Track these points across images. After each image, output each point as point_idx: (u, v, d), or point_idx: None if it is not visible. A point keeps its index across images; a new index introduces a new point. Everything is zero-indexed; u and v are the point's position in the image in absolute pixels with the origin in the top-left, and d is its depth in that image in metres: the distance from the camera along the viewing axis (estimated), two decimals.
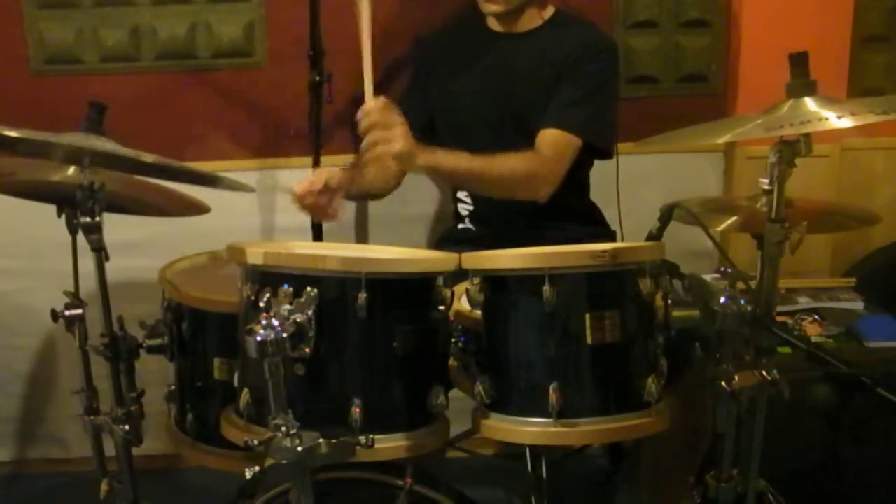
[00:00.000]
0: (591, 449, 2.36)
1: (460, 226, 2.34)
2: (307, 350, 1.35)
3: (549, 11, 2.20)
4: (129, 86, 2.48)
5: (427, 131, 2.29)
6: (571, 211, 2.23)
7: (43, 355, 2.65)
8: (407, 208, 2.54)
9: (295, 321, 1.30)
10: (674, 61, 2.58)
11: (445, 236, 2.42)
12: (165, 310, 1.71)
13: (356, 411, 1.38)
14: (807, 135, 1.39)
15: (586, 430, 1.42)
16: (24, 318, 2.58)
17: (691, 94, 2.59)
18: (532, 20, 2.18)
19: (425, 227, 2.59)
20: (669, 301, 1.50)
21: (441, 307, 1.49)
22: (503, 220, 2.23)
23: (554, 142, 2.04)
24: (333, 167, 2.03)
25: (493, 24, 2.21)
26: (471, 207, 2.32)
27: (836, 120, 1.38)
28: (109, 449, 1.68)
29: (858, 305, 2.26)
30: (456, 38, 2.27)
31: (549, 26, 2.18)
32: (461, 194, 2.32)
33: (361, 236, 2.63)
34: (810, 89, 1.46)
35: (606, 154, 2.19)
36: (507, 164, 1.98)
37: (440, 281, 1.50)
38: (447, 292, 1.50)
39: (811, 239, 1.49)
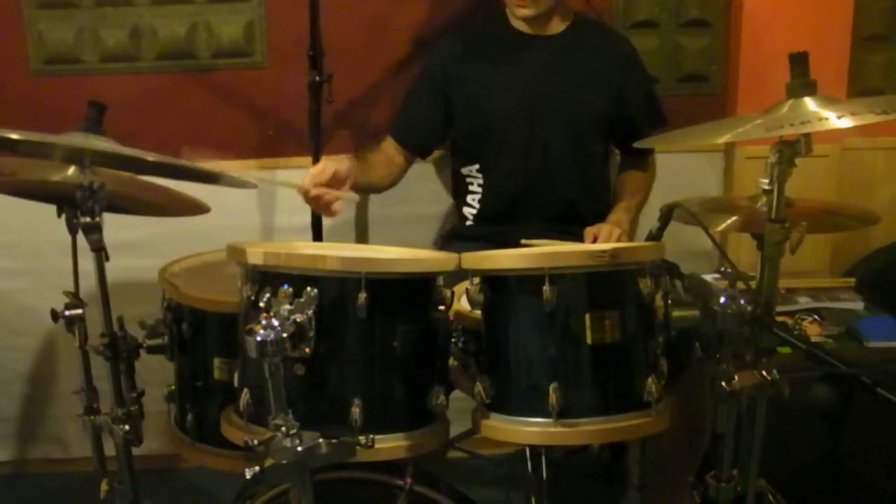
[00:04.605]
0: (592, 449, 2.36)
1: (468, 223, 2.36)
2: (307, 350, 1.35)
3: (571, 15, 2.28)
4: (129, 86, 2.48)
5: (438, 131, 2.31)
6: (589, 212, 2.26)
7: (43, 355, 2.65)
8: (407, 208, 2.54)
9: (295, 321, 1.30)
10: (674, 61, 2.58)
11: (452, 233, 2.43)
12: (165, 310, 1.71)
13: (356, 411, 1.38)
14: (807, 135, 1.39)
15: (586, 430, 1.42)
16: (24, 318, 2.58)
17: (691, 94, 2.59)
18: (559, 23, 2.26)
19: (425, 227, 2.59)
20: (669, 301, 1.50)
21: (441, 307, 1.49)
22: (510, 223, 2.25)
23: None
24: (339, 156, 2.02)
25: (521, 27, 2.25)
26: (474, 210, 2.33)
27: (836, 120, 1.38)
28: (109, 449, 1.68)
29: (858, 305, 2.26)
30: (478, 41, 2.30)
31: (576, 28, 2.28)
32: (469, 198, 2.33)
33: (361, 236, 2.63)
34: (810, 89, 1.46)
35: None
36: (645, 187, 2.36)
37: (440, 281, 1.50)
38: (447, 292, 1.50)
39: (811, 239, 1.49)
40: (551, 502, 1.98)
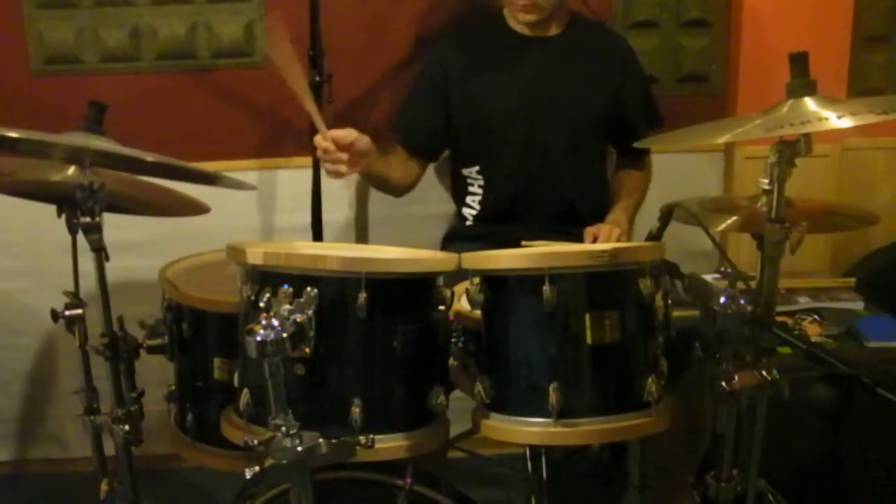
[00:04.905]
0: (592, 449, 2.36)
1: (468, 223, 2.35)
2: (307, 350, 1.35)
3: (568, 15, 2.28)
4: (129, 86, 2.48)
5: (440, 132, 2.31)
6: (588, 212, 2.26)
7: (43, 355, 2.65)
8: (407, 208, 2.54)
9: (295, 321, 1.30)
10: (674, 61, 2.58)
11: (452, 233, 2.43)
12: (165, 310, 1.71)
13: (356, 411, 1.38)
14: (807, 135, 1.39)
15: (586, 430, 1.42)
16: (24, 318, 2.58)
17: (691, 94, 2.59)
18: (557, 24, 2.26)
19: (425, 227, 2.58)
20: (669, 301, 1.50)
21: (441, 307, 1.49)
22: (510, 224, 2.25)
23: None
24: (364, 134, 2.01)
25: (520, 29, 2.26)
26: (474, 211, 2.33)
27: (836, 120, 1.38)
28: (109, 449, 1.68)
29: (858, 305, 2.26)
30: (476, 42, 2.30)
31: (574, 29, 2.28)
32: (470, 199, 2.33)
33: (361, 236, 2.63)
34: (810, 89, 1.46)
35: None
36: (642, 187, 2.37)
37: (440, 281, 1.50)
38: (447, 292, 1.50)
39: (811, 239, 1.49)
40: (551, 502, 1.98)
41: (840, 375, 1.82)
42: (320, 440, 1.29)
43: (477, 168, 2.31)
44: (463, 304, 1.57)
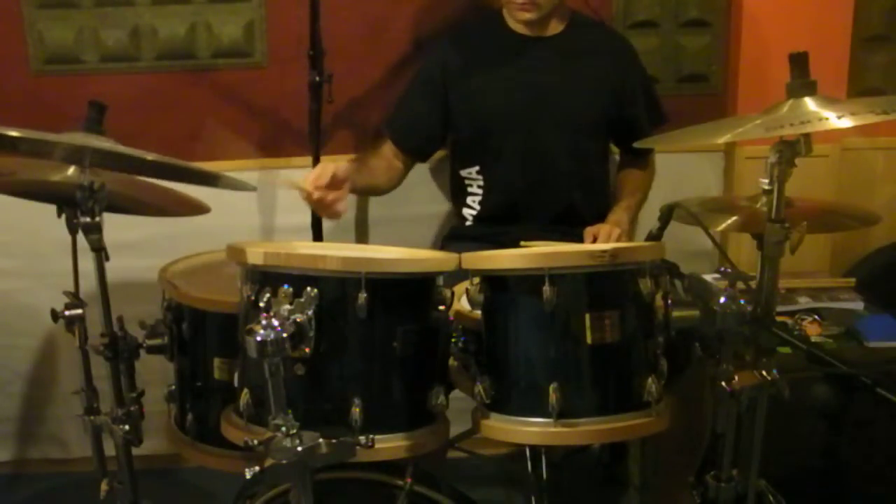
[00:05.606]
0: (592, 449, 2.37)
1: (468, 223, 2.35)
2: (307, 350, 1.35)
3: (568, 15, 2.27)
4: (129, 86, 2.48)
5: (436, 134, 2.31)
6: (589, 213, 2.26)
7: (43, 355, 2.65)
8: (407, 208, 2.54)
9: (295, 321, 1.30)
10: (674, 61, 2.58)
11: (452, 233, 2.43)
12: (165, 310, 1.71)
13: (356, 411, 1.38)
14: (807, 135, 1.39)
15: (586, 430, 1.42)
16: (24, 318, 2.57)
17: (691, 94, 2.59)
18: (557, 24, 2.25)
19: (425, 227, 2.59)
20: (669, 301, 1.50)
21: (441, 307, 1.49)
22: (510, 224, 2.26)
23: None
24: (337, 161, 2.02)
25: (520, 29, 2.25)
26: (474, 212, 2.33)
27: (836, 120, 1.38)
28: (109, 449, 1.68)
29: (858, 305, 2.26)
30: (475, 43, 2.29)
31: (574, 28, 2.27)
32: (470, 199, 2.33)
33: (361, 236, 2.63)
34: (810, 89, 1.46)
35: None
36: (644, 186, 2.37)
37: (440, 281, 1.50)
38: (447, 292, 1.50)
39: (811, 239, 1.49)
40: (551, 502, 1.99)
41: (840, 375, 1.82)
42: (320, 440, 1.29)
43: (477, 168, 2.31)
44: (463, 304, 1.57)
